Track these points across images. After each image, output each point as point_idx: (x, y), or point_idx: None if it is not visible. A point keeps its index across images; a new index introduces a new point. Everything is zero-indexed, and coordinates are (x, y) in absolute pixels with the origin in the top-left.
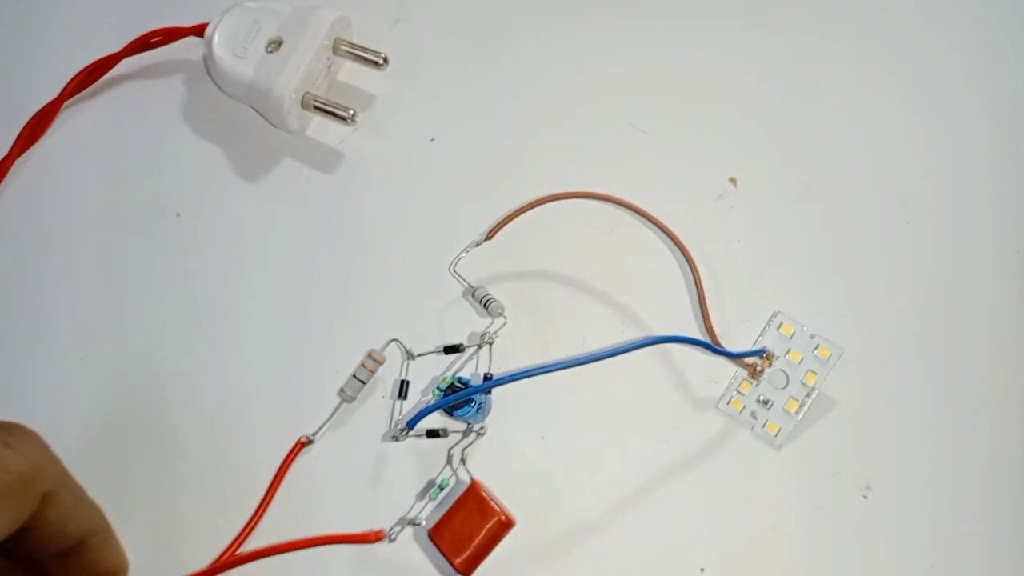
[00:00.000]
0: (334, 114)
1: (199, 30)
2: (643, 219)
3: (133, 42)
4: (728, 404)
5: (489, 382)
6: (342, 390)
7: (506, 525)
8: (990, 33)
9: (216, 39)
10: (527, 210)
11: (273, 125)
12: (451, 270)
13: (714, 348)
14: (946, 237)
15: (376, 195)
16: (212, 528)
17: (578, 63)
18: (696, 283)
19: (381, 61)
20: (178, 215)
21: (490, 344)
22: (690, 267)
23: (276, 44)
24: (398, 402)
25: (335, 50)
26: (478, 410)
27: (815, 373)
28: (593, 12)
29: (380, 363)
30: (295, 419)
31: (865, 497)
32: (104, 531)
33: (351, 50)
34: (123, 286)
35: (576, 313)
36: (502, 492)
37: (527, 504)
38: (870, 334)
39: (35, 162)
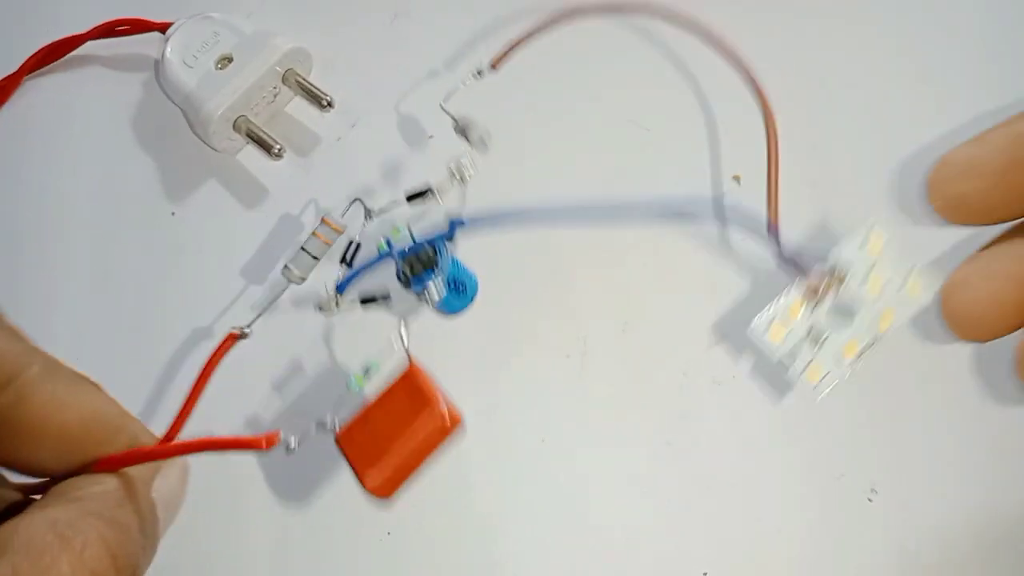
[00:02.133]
0: (262, 144)
1: (164, 27)
2: (696, 38)
3: (99, 26)
4: (766, 332)
5: (453, 227)
6: (286, 267)
7: (444, 424)
8: (995, 34)
9: (172, 42)
10: (541, 31)
11: (201, 140)
12: (442, 105)
13: (774, 237)
14: (952, 236)
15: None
16: None
17: (578, 58)
18: (769, 138)
19: (325, 103)
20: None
21: (460, 178)
22: (765, 117)
23: (226, 61)
24: (343, 269)
25: (285, 80)
26: (453, 285)
27: (894, 312)
28: (594, 6)
29: (338, 231)
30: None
31: (870, 500)
32: (43, 364)
33: (300, 84)
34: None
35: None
36: (504, 498)
37: (528, 505)
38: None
39: None
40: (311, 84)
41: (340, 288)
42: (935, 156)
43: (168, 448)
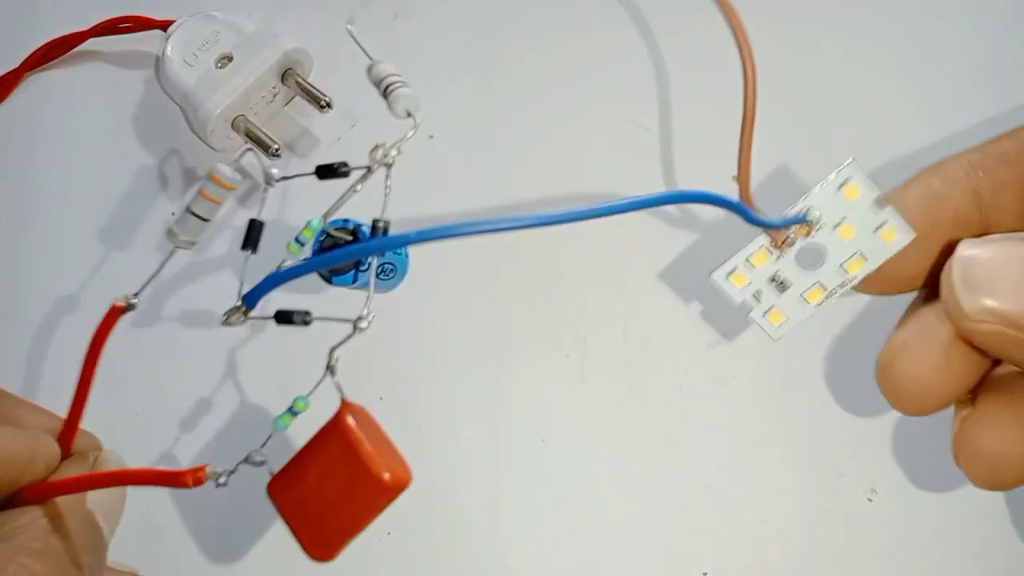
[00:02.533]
0: (260, 143)
1: (166, 25)
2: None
3: (101, 23)
4: (728, 278)
5: (377, 240)
6: (170, 231)
7: (389, 489)
8: (996, 35)
9: (172, 40)
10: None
11: (199, 139)
12: (348, 28)
13: (746, 214)
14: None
15: None
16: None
17: (579, 58)
18: (746, 101)
19: (324, 104)
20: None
21: (387, 166)
22: (745, 73)
23: (226, 60)
24: (245, 255)
25: (284, 80)
26: (364, 274)
27: (864, 260)
28: (594, 6)
29: (229, 188)
30: None
31: (870, 500)
32: None
33: (300, 84)
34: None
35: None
36: (504, 498)
37: (528, 506)
38: (874, 330)
39: None
40: (310, 85)
41: (248, 300)
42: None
43: (85, 480)
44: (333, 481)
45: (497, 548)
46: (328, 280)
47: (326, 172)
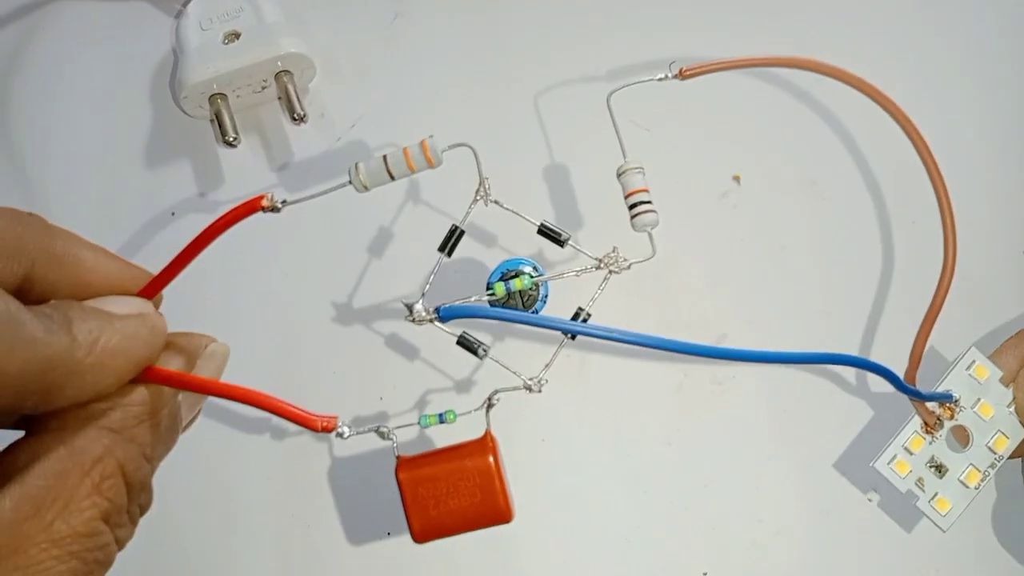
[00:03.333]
0: (222, 126)
1: None
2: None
3: None
4: (891, 465)
5: (580, 326)
6: (355, 166)
7: (501, 516)
8: (995, 31)
9: (197, 2)
10: (744, 66)
11: (172, 97)
12: (608, 100)
13: (901, 384)
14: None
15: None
16: None
17: (579, 59)
18: (947, 263)
19: (296, 117)
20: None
21: (610, 272)
22: (944, 223)
23: (233, 38)
24: (439, 256)
25: (277, 79)
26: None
27: (1007, 438)
28: (594, 7)
29: (430, 163)
30: None
31: (870, 500)
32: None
33: (286, 89)
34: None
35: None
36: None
37: (528, 506)
38: (874, 335)
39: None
40: (296, 93)
41: (444, 315)
42: None
43: (222, 388)
44: (463, 494)
45: (497, 548)
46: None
47: (545, 232)
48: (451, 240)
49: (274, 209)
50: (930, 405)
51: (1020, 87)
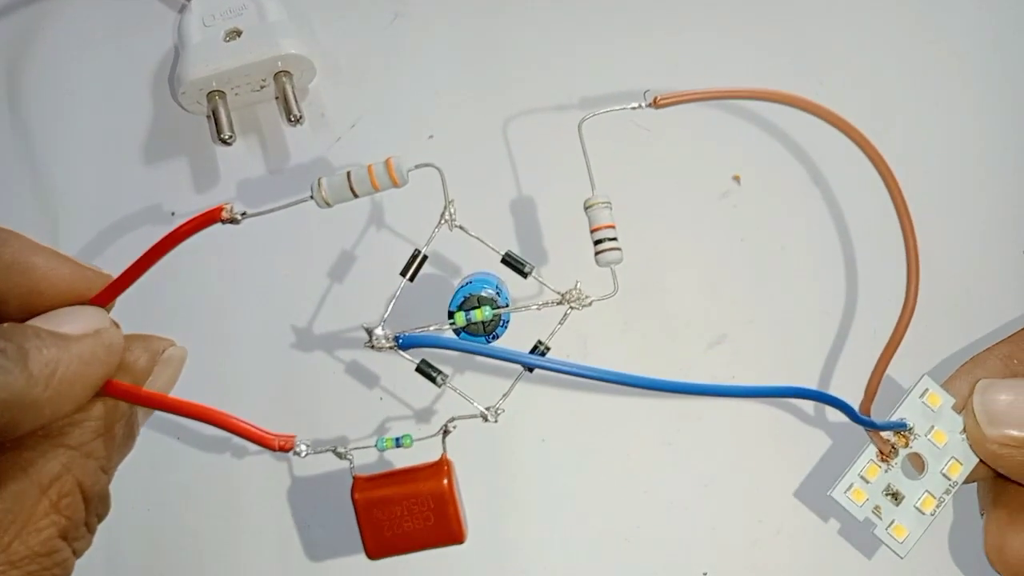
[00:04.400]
0: (218, 124)
1: None
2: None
3: None
4: (848, 494)
5: (537, 359)
6: (318, 182)
7: (454, 538)
8: (997, 30)
9: None
10: (717, 98)
11: (170, 91)
12: (579, 127)
13: (856, 416)
14: (953, 236)
15: None
16: None
17: (579, 59)
18: (909, 292)
19: (292, 118)
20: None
21: (570, 308)
22: (908, 260)
23: (235, 35)
24: (401, 281)
25: (276, 79)
26: (496, 334)
27: (960, 464)
28: (594, 7)
29: (394, 182)
30: None
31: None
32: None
33: (284, 90)
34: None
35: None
36: (504, 498)
37: (528, 506)
38: (874, 335)
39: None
40: (293, 95)
41: (403, 344)
42: None
43: (179, 405)
44: (417, 517)
45: (496, 548)
46: (457, 334)
47: (509, 262)
48: (413, 265)
49: (233, 221)
50: (885, 434)
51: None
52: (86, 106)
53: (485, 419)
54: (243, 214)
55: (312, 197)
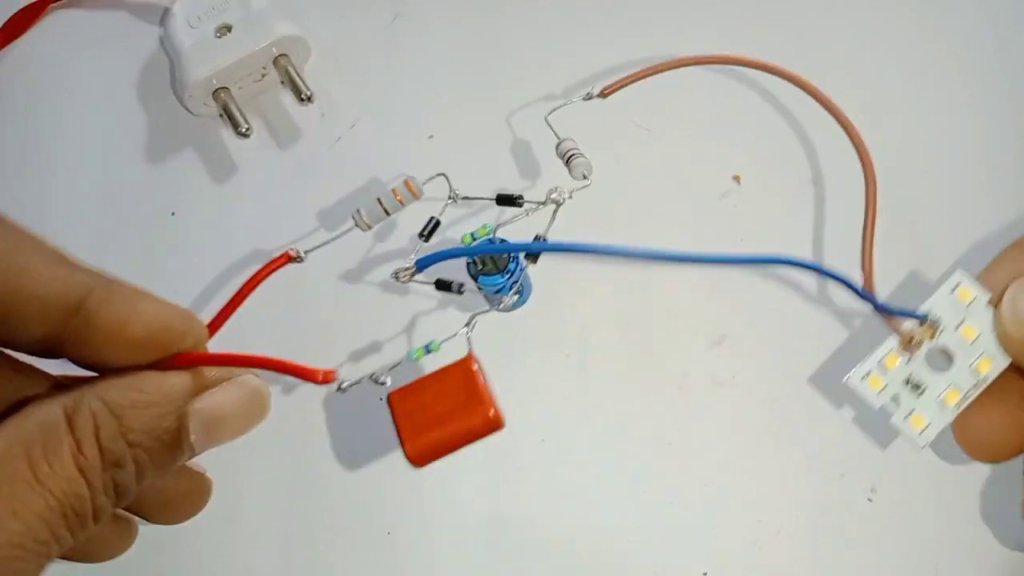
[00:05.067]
0: (232, 119)
1: None
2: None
3: None
4: (864, 380)
5: (537, 244)
6: (357, 211)
7: (491, 424)
8: (996, 32)
9: (181, 2)
10: (656, 72)
11: (177, 99)
12: (546, 119)
13: (864, 294)
14: (952, 235)
15: None
16: None
17: (579, 59)
18: (868, 197)
19: (305, 96)
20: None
21: (557, 204)
22: (865, 174)
23: (225, 30)
24: (419, 242)
25: (275, 64)
26: (511, 285)
27: (991, 360)
28: (594, 6)
29: (415, 196)
30: None
31: (870, 500)
32: (105, 285)
33: (288, 72)
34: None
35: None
36: (504, 498)
37: (528, 506)
38: (875, 333)
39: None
40: (298, 74)
41: (420, 264)
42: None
43: (221, 356)
44: (448, 401)
45: (496, 548)
46: (476, 279)
47: (505, 200)
48: (429, 227)
49: (299, 259)
50: (908, 324)
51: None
52: (84, 108)
53: (500, 306)
54: (306, 252)
55: (356, 225)
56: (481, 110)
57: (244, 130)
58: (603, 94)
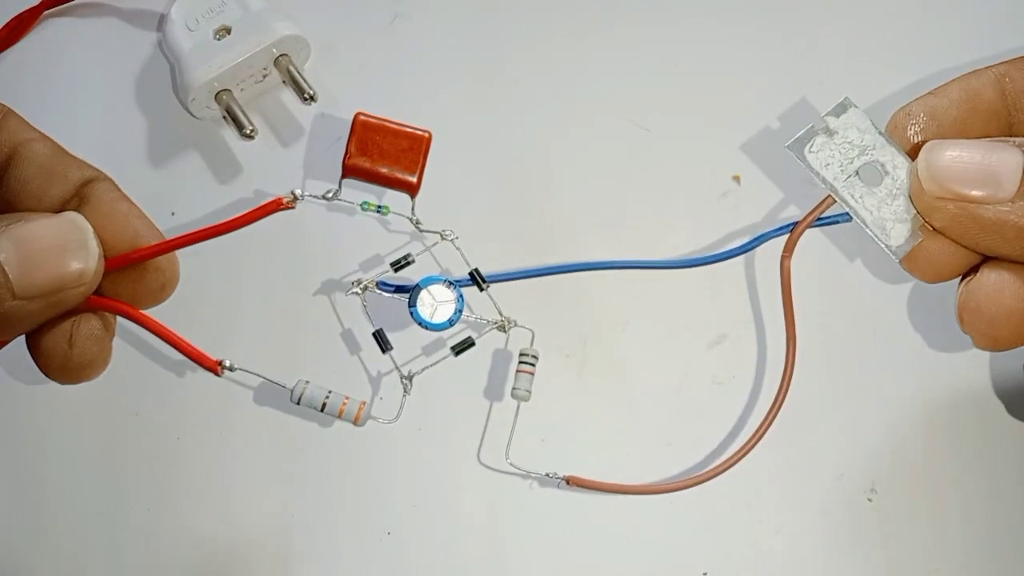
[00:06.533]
0: (237, 121)
1: None
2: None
3: None
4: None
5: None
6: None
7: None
8: (997, 30)
9: (179, 2)
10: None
11: (180, 103)
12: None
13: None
14: None
15: None
16: None
17: (579, 58)
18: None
19: (308, 96)
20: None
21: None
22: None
23: (224, 32)
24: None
25: (276, 64)
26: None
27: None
28: (594, 6)
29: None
30: None
31: (870, 500)
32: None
33: (289, 72)
34: None
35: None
36: (504, 498)
37: (528, 506)
38: (873, 334)
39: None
40: (300, 74)
41: (381, 285)
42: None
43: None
44: (395, 149)
45: (496, 548)
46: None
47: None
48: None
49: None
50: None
51: None
52: (81, 116)
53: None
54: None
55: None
56: (481, 111)
57: (249, 131)
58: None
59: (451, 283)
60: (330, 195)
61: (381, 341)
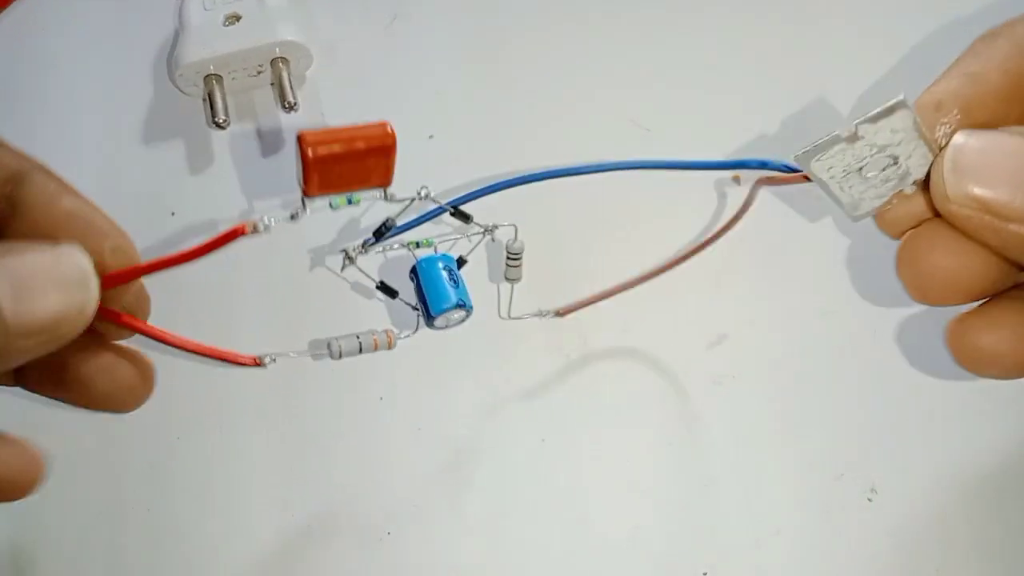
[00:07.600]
0: (213, 107)
1: None
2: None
3: None
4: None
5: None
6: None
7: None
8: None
9: None
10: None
11: (167, 72)
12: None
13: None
14: None
15: None
16: None
17: (578, 58)
18: None
19: (287, 105)
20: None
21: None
22: None
23: (234, 20)
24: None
25: (272, 65)
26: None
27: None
28: (594, 7)
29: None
30: None
31: (870, 500)
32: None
33: (280, 76)
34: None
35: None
36: (504, 498)
37: (528, 506)
38: (875, 332)
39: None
40: (289, 81)
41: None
42: None
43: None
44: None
45: (496, 548)
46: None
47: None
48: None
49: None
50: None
51: None
52: (85, 90)
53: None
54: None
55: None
56: (481, 111)
57: (221, 121)
58: None
59: (450, 272)
60: (295, 214)
61: (386, 290)
